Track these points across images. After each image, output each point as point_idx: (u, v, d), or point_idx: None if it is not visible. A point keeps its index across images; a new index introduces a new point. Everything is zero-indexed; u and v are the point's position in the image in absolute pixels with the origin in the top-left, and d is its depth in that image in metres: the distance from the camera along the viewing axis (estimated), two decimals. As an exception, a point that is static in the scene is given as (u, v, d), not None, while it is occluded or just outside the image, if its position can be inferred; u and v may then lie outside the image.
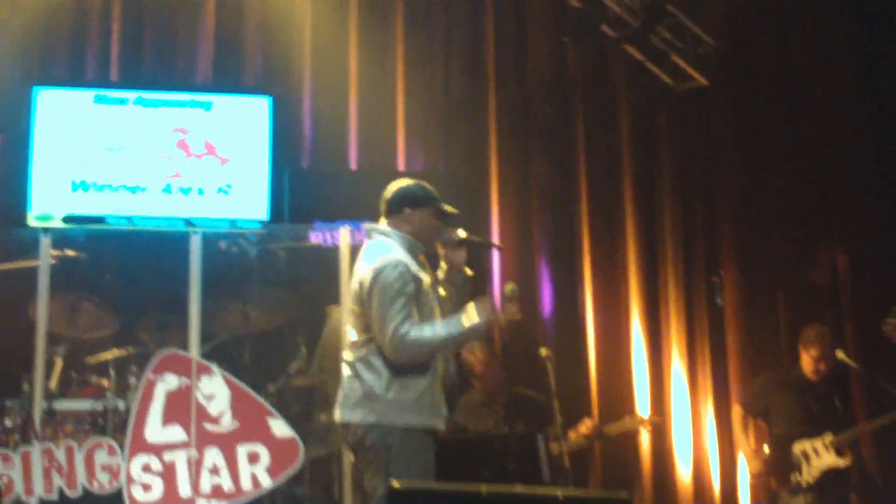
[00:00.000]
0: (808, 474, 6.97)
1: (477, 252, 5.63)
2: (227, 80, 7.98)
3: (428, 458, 5.01)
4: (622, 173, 8.66)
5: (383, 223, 5.22)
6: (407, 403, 4.95)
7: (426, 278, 5.07)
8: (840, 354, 7.23)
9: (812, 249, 8.75)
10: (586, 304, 8.32)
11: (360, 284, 5.02)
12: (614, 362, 8.28)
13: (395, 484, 4.38)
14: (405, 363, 4.93)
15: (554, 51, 8.74)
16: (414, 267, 5.03)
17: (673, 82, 8.88)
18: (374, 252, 5.09)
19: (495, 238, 8.18)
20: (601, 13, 8.69)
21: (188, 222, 6.72)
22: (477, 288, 5.19)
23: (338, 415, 5.05)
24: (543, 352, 6.26)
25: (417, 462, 4.95)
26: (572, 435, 7.01)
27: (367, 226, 5.36)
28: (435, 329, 4.94)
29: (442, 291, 5.21)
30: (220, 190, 6.83)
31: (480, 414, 7.04)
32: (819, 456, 6.99)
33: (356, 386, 4.98)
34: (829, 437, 6.99)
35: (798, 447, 7.03)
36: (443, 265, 5.29)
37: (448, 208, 5.24)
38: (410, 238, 5.14)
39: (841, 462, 6.95)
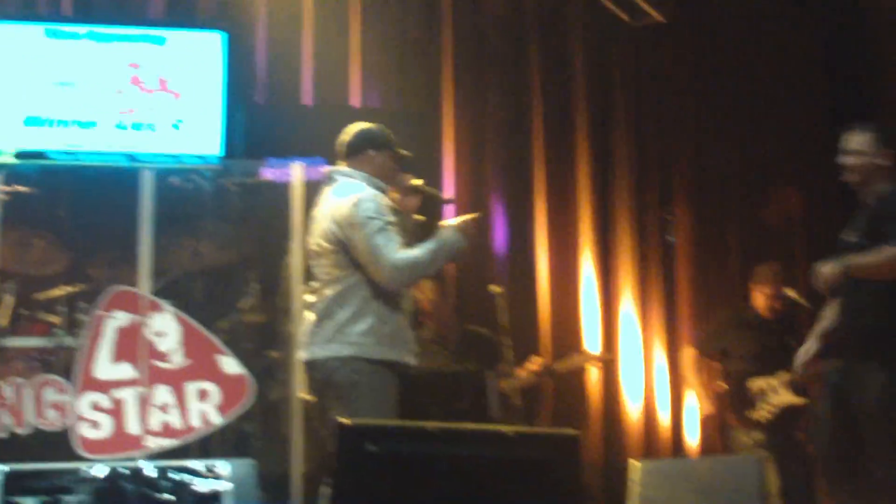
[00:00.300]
0: (766, 411, 7.05)
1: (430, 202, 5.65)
2: (181, 14, 7.89)
3: (393, 396, 5.08)
4: (576, 110, 8.66)
5: (343, 166, 5.23)
6: (383, 336, 5.00)
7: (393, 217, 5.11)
8: (790, 292, 7.31)
9: (765, 188, 8.81)
10: (538, 242, 8.35)
11: (336, 222, 5.04)
12: (565, 300, 8.33)
13: (344, 420, 4.42)
14: (402, 286, 5.06)
15: (510, -13, 8.72)
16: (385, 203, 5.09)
17: (630, 18, 8.86)
18: (345, 190, 5.11)
19: (449, 184, 8.20)
20: (558, -52, 8.68)
21: (139, 158, 6.68)
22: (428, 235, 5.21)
23: (304, 354, 5.08)
24: (494, 289, 6.30)
25: (384, 400, 5.01)
26: (521, 372, 7.03)
27: (328, 169, 5.39)
28: (423, 250, 5.01)
29: None
30: (173, 125, 6.76)
31: (430, 351, 7.07)
32: (777, 393, 7.07)
33: (328, 323, 5.01)
34: (784, 376, 7.07)
35: (755, 384, 7.10)
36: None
37: (403, 152, 5.27)
38: (375, 179, 5.17)
39: (797, 400, 7.04)
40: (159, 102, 6.77)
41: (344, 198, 5.06)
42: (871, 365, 5.33)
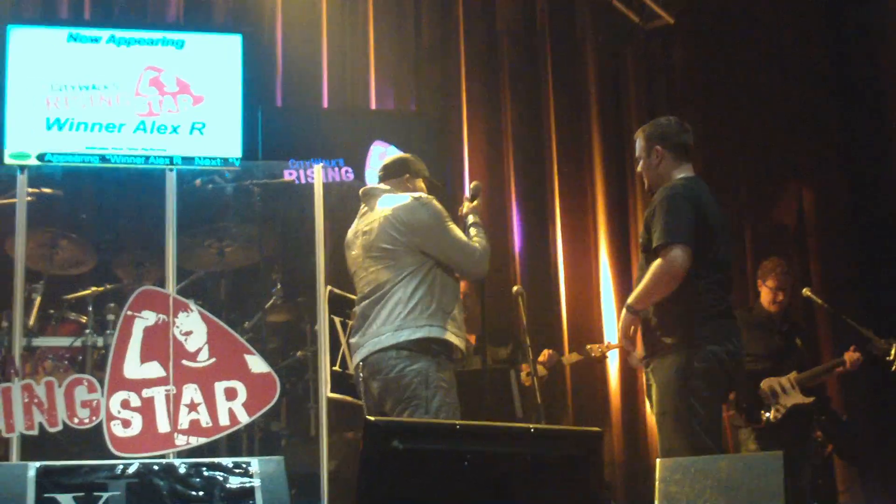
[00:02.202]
0: (776, 411, 7.09)
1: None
2: (199, 18, 7.99)
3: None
4: (590, 112, 8.75)
5: (382, 186, 5.51)
6: (452, 317, 5.32)
7: None
8: (807, 292, 7.35)
9: (777, 187, 8.86)
10: (556, 242, 8.43)
11: (391, 222, 5.35)
12: (584, 298, 8.41)
13: (370, 418, 4.50)
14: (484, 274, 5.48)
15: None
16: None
17: (640, 20, 8.92)
18: (390, 200, 5.44)
19: (466, 185, 8.28)
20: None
21: (163, 160, 6.75)
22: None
23: (366, 349, 5.29)
24: (515, 288, 6.37)
25: (451, 398, 5.22)
26: (538, 368, 7.09)
27: (366, 189, 5.65)
28: (479, 234, 5.50)
29: None
30: (193, 127, 6.82)
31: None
32: (786, 394, 7.12)
33: (394, 313, 5.27)
34: (793, 375, 7.13)
35: (766, 384, 7.14)
36: None
37: (436, 182, 5.66)
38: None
39: (806, 400, 7.09)
40: (180, 105, 6.84)
41: (390, 204, 5.35)
42: (660, 362, 5.28)
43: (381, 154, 7.80)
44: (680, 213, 5.17)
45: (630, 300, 5.27)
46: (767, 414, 7.09)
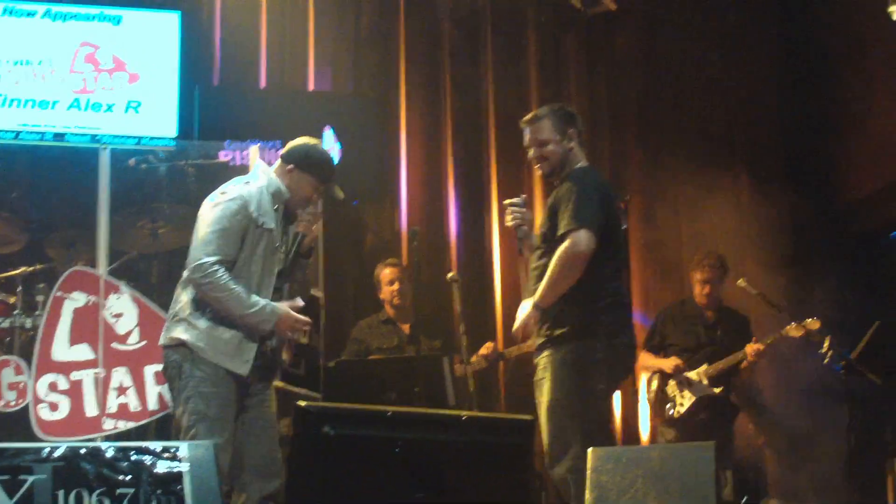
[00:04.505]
0: (681, 405, 7.13)
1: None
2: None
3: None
4: (530, 98, 8.73)
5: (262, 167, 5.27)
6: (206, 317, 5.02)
7: (270, 223, 5.05)
8: (742, 283, 7.38)
9: (717, 176, 8.89)
10: (493, 229, 8.41)
11: None
12: (519, 287, 8.39)
13: (301, 404, 4.47)
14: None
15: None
16: (264, 208, 5.04)
17: (582, 6, 8.92)
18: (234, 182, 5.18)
19: (404, 171, 8.26)
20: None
21: (97, 138, 6.67)
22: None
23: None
24: (450, 275, 6.36)
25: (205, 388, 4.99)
26: (474, 358, 7.11)
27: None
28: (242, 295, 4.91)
29: None
30: (128, 106, 6.77)
31: (383, 332, 7.15)
32: (692, 387, 7.15)
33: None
34: (703, 368, 7.18)
35: (673, 379, 7.19)
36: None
37: (338, 193, 5.25)
38: (282, 187, 5.13)
39: (713, 391, 7.12)
40: (115, 82, 6.77)
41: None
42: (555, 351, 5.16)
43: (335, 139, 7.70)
44: (590, 200, 5.08)
45: (538, 298, 5.08)
46: (672, 411, 7.13)
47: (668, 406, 7.16)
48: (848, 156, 8.57)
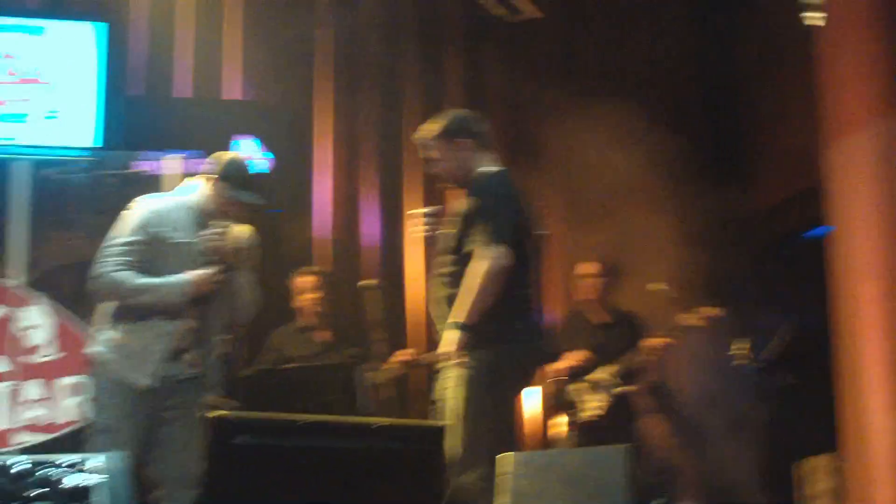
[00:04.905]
0: (592, 409, 7.12)
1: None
2: (59, 5, 7.85)
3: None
4: (451, 107, 8.74)
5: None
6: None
7: (181, 236, 5.09)
8: (652, 287, 7.45)
9: (642, 184, 8.95)
10: (409, 237, 8.42)
11: None
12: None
13: (215, 413, 4.51)
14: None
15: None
16: (176, 222, 5.10)
17: (506, 13, 8.97)
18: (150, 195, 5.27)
19: (323, 178, 8.28)
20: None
21: (11, 149, 6.63)
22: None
23: None
24: (365, 282, 6.39)
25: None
26: (391, 364, 7.07)
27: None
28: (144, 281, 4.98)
29: None
30: (47, 116, 6.74)
31: (298, 340, 7.17)
32: (603, 387, 7.16)
33: None
34: (611, 368, 7.16)
35: (573, 387, 7.17)
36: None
37: (250, 199, 5.20)
38: (202, 199, 5.19)
39: (632, 388, 7.15)
40: (33, 93, 6.74)
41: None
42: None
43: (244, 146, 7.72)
44: (503, 211, 5.03)
45: (464, 319, 4.94)
46: (581, 414, 7.16)
47: (570, 411, 7.17)
48: (761, 162, 8.71)
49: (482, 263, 4.91)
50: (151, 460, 4.95)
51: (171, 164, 6.74)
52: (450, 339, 4.95)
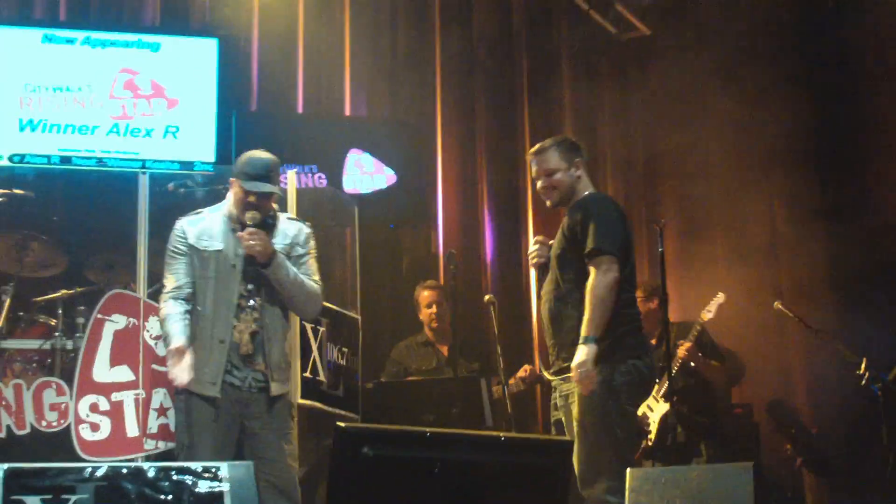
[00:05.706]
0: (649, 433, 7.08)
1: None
2: (175, 21, 7.97)
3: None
4: (565, 121, 8.76)
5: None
6: None
7: (218, 245, 5.26)
8: (777, 305, 7.36)
9: (750, 201, 8.88)
10: (529, 251, 8.41)
11: None
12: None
13: (341, 424, 4.50)
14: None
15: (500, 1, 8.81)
16: (209, 231, 5.28)
17: (616, 31, 8.95)
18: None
19: (440, 192, 8.28)
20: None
21: (136, 164, 6.72)
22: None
23: None
24: (487, 298, 6.38)
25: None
26: (511, 380, 7.11)
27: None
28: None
29: None
30: (167, 131, 6.82)
31: (422, 354, 7.18)
32: (653, 411, 7.11)
33: None
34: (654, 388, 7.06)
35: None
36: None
37: (257, 187, 5.26)
38: (232, 206, 5.36)
39: (667, 407, 6.99)
40: (154, 108, 6.82)
41: None
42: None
43: (357, 161, 7.79)
44: (614, 223, 5.18)
45: (589, 333, 5.03)
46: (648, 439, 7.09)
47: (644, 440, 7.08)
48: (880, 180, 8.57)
49: (593, 279, 5.04)
50: None
51: (289, 178, 6.76)
52: (584, 353, 5.01)
